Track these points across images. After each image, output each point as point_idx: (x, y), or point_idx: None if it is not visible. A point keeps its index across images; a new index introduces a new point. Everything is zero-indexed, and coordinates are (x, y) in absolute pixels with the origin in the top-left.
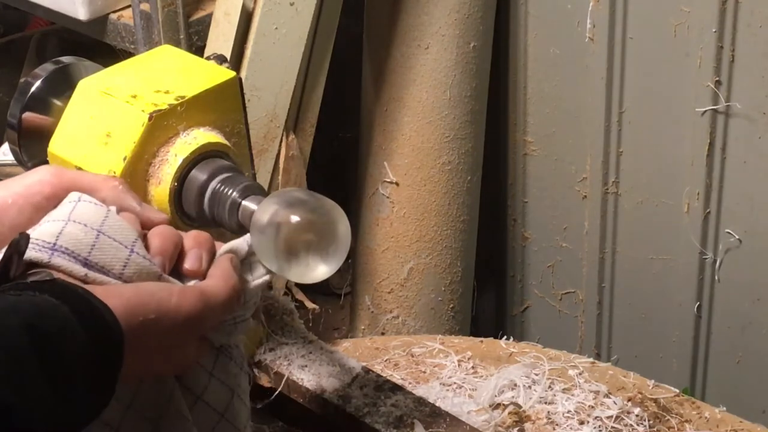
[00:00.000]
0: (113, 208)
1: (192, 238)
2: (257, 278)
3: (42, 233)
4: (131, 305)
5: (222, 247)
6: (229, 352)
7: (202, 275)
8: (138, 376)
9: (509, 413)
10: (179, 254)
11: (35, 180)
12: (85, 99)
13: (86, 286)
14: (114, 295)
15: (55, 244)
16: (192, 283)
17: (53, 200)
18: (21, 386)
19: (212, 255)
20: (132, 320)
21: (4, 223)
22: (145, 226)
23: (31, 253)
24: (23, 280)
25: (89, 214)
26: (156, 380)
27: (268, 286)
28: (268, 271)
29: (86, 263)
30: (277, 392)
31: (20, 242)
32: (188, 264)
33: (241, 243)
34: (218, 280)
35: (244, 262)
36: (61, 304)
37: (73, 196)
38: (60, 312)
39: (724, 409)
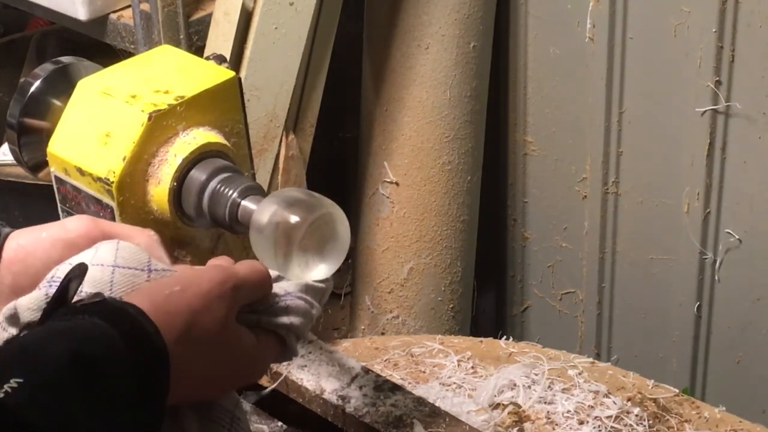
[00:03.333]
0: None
1: (212, 260)
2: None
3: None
4: (153, 286)
5: None
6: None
7: None
8: (202, 386)
9: (509, 413)
10: None
11: (73, 224)
12: (85, 99)
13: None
14: (137, 291)
15: (81, 291)
16: None
17: (87, 239)
18: (63, 416)
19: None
20: (157, 296)
21: (36, 256)
22: None
23: (54, 291)
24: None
25: (105, 253)
26: None
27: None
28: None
29: None
30: (271, 389)
31: (81, 267)
32: (211, 261)
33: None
34: (238, 263)
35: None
36: (109, 328)
37: (98, 243)
38: (108, 336)
39: (724, 409)
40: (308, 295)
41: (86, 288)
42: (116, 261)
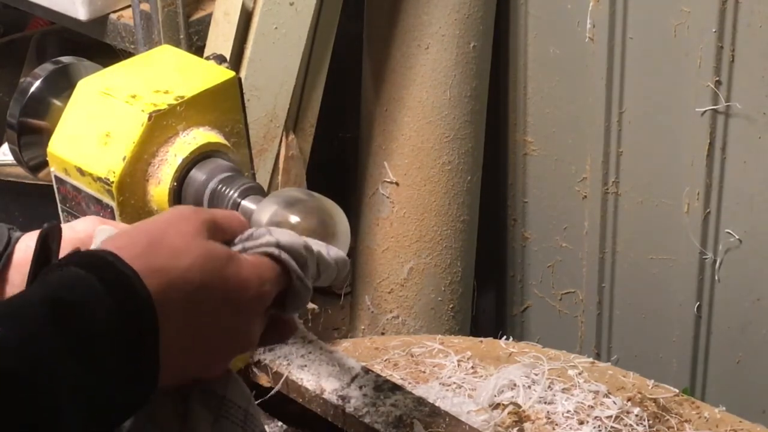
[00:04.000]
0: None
1: None
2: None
3: None
4: (127, 230)
5: None
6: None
7: None
8: (192, 315)
9: (509, 413)
10: None
11: (81, 223)
12: (85, 99)
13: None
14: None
15: None
16: None
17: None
18: (37, 357)
19: None
20: (125, 228)
21: None
22: None
23: None
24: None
25: (100, 237)
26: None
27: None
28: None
29: None
30: (274, 390)
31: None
32: None
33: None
34: None
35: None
36: (87, 274)
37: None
38: (86, 281)
39: (724, 409)
40: (302, 246)
41: None
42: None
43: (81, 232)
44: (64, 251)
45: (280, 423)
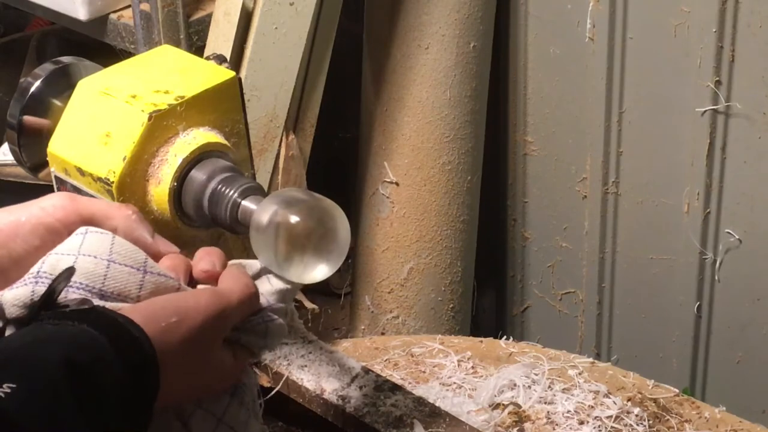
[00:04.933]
0: (116, 236)
1: (202, 250)
2: (277, 287)
3: (55, 268)
4: (149, 313)
5: (232, 262)
6: (242, 396)
7: (215, 278)
8: (182, 397)
9: (509, 413)
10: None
11: (50, 203)
12: (85, 99)
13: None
14: (132, 310)
15: (73, 282)
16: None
17: (66, 223)
18: (55, 421)
19: (223, 263)
20: (154, 327)
21: (17, 241)
22: (156, 258)
23: (41, 288)
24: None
25: (97, 244)
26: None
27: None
28: (288, 283)
29: (102, 294)
30: (274, 391)
31: (69, 271)
32: (201, 266)
33: (254, 261)
34: (229, 279)
35: (261, 277)
36: (99, 335)
37: (82, 229)
38: (98, 343)
39: (724, 409)
40: (286, 300)
41: (78, 279)
42: (111, 255)
43: (51, 216)
44: (32, 233)
45: (280, 423)
